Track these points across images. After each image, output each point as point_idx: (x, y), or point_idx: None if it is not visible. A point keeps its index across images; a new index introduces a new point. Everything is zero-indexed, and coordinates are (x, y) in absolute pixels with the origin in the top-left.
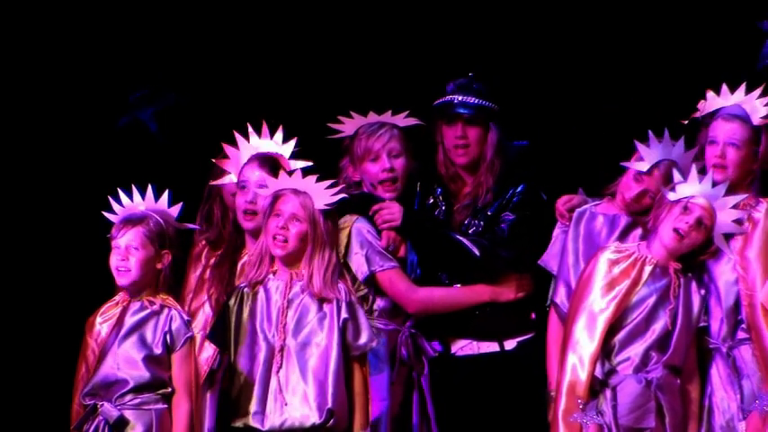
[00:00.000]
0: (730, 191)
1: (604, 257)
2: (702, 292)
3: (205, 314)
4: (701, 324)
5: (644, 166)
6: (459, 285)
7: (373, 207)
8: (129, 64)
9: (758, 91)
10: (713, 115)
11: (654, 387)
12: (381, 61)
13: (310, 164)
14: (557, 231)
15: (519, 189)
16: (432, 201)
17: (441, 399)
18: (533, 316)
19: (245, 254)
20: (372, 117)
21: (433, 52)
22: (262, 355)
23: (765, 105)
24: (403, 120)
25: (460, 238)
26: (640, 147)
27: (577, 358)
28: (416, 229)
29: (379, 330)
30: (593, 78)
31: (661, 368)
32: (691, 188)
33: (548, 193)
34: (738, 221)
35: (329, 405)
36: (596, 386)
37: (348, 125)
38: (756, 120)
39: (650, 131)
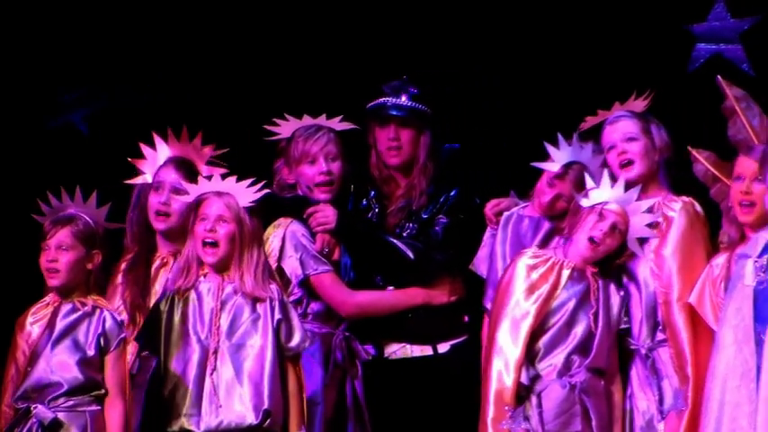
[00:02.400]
0: (643, 189)
1: (522, 263)
2: (621, 293)
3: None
4: (623, 326)
5: (554, 167)
6: (392, 288)
7: (307, 210)
8: (58, 65)
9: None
10: (600, 126)
11: (578, 391)
12: (314, 65)
13: (226, 171)
14: (487, 235)
15: (452, 193)
16: (365, 204)
17: (375, 402)
18: (466, 319)
19: (158, 257)
20: (307, 120)
21: (365, 56)
22: (195, 358)
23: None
24: (338, 123)
25: (394, 241)
26: (550, 149)
27: (503, 365)
28: (350, 232)
29: (313, 333)
30: (524, 80)
31: (584, 372)
32: (603, 194)
33: (480, 196)
34: (652, 225)
35: (266, 406)
36: (522, 392)
37: (284, 128)
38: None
39: (559, 134)
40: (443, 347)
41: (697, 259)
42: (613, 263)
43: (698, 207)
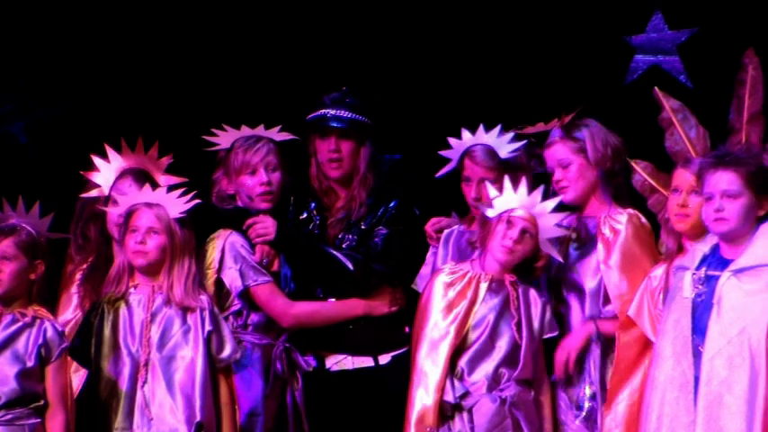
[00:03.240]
0: (584, 205)
1: (439, 281)
2: (544, 298)
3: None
4: (550, 334)
5: (455, 154)
6: (333, 299)
7: (247, 221)
8: None
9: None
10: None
11: (509, 405)
12: (253, 75)
13: (185, 180)
14: (429, 253)
15: (392, 204)
16: (305, 215)
17: (316, 413)
18: (407, 330)
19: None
20: (246, 131)
21: (303, 67)
22: (126, 371)
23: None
24: (278, 134)
25: (334, 252)
26: (451, 141)
27: (423, 388)
28: (290, 243)
29: (253, 344)
30: (463, 91)
31: (514, 385)
32: (508, 201)
33: (420, 207)
34: (560, 225)
35: (198, 418)
36: (447, 411)
37: (223, 138)
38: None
39: (463, 128)
40: (384, 359)
41: (643, 270)
42: (533, 266)
43: (643, 219)
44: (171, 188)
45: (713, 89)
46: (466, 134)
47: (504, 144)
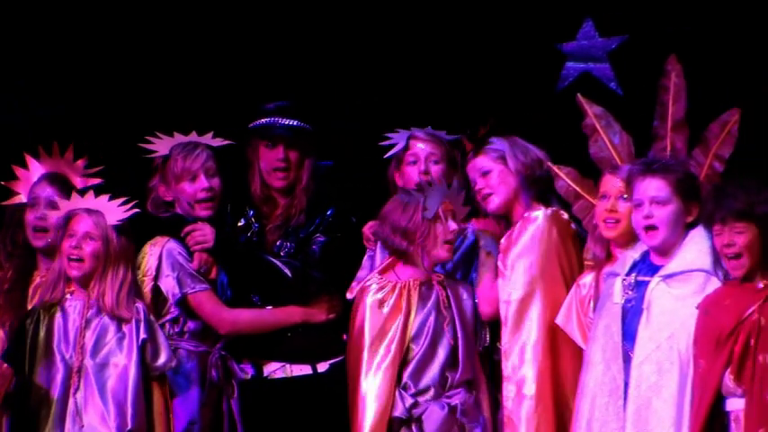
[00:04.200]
0: (509, 213)
1: (370, 300)
2: (471, 292)
3: (0, 342)
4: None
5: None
6: (270, 307)
7: (185, 228)
8: None
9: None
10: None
11: (459, 413)
12: (183, 82)
13: (100, 181)
14: (365, 257)
15: (329, 212)
16: (243, 222)
17: (253, 422)
18: (345, 337)
19: (38, 275)
20: (180, 137)
21: (231, 73)
22: (59, 377)
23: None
24: (214, 140)
25: (273, 259)
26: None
27: (370, 412)
28: (229, 250)
29: (189, 352)
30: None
31: (463, 391)
32: (436, 198)
33: (357, 214)
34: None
35: (129, 426)
36: (396, 426)
37: (160, 145)
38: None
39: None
40: (323, 366)
41: (548, 264)
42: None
43: (563, 216)
44: (97, 193)
45: (639, 95)
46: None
47: (444, 135)
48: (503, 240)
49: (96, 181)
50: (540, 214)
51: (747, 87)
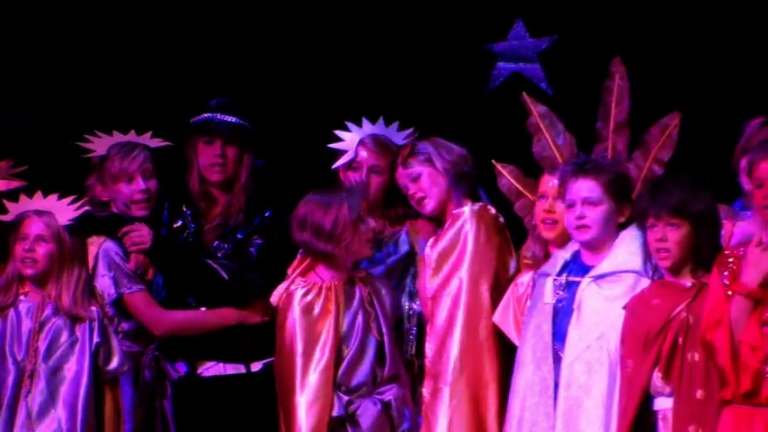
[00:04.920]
0: (443, 214)
1: (297, 305)
2: (387, 285)
3: None
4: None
5: (347, 146)
6: (205, 308)
7: (123, 229)
8: None
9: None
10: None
11: (394, 410)
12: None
13: (24, 184)
14: None
15: (267, 213)
16: (180, 222)
17: (186, 421)
18: None
19: None
20: (118, 136)
21: (172, 71)
22: (10, 379)
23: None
24: (152, 140)
25: (210, 261)
26: (339, 134)
27: (313, 416)
28: (166, 252)
29: (123, 353)
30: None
31: (395, 387)
32: (357, 198)
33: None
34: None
35: (79, 430)
36: (333, 426)
37: (98, 144)
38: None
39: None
40: (256, 366)
41: (474, 260)
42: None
43: (491, 211)
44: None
45: (583, 95)
46: (353, 126)
47: (395, 132)
48: (431, 239)
49: (19, 183)
50: (466, 210)
51: (690, 91)
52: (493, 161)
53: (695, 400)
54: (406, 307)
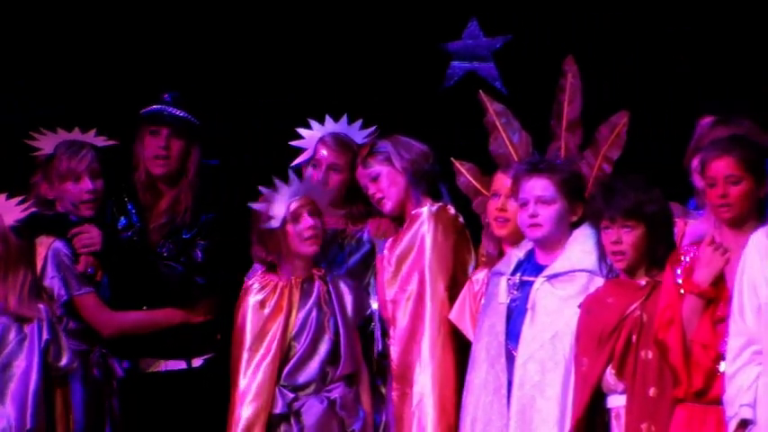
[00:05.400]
0: (402, 212)
1: (251, 300)
2: (352, 286)
3: None
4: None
5: (308, 143)
6: (152, 308)
7: (72, 230)
8: None
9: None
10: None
11: (338, 407)
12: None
13: None
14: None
15: (214, 214)
16: (125, 222)
17: (132, 418)
18: (219, 337)
19: None
20: (63, 134)
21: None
22: None
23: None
24: (99, 139)
25: (157, 263)
26: (301, 131)
27: (247, 408)
28: (115, 253)
29: (74, 352)
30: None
31: (342, 386)
32: (282, 197)
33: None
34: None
35: (29, 426)
36: (274, 422)
37: (44, 142)
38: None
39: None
40: (197, 362)
41: (433, 261)
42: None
43: (451, 211)
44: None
45: (538, 94)
46: (316, 124)
47: (357, 131)
48: (390, 240)
49: None
50: (424, 211)
51: (639, 89)
52: (452, 159)
53: (648, 398)
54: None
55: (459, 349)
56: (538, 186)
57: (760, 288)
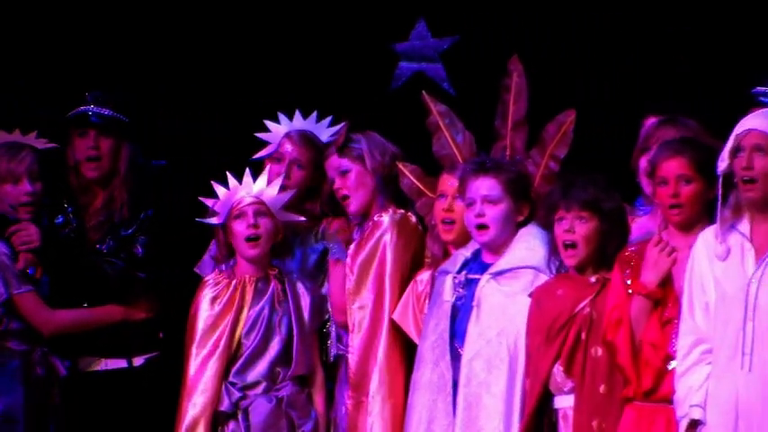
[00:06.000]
0: (366, 213)
1: (205, 296)
2: (311, 288)
3: None
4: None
5: (275, 138)
6: (92, 306)
7: (10, 228)
8: None
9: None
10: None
11: (285, 405)
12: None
13: None
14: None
15: (153, 210)
16: (62, 219)
17: (74, 416)
18: (161, 335)
19: None
20: (3, 136)
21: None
22: None
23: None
24: (39, 141)
25: (96, 259)
26: (268, 124)
27: (194, 403)
28: (55, 251)
29: (12, 351)
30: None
31: (291, 384)
32: (230, 195)
33: (184, 212)
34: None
35: None
36: (221, 420)
37: None
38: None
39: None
40: (138, 361)
41: (393, 269)
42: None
43: (412, 219)
44: None
45: (481, 94)
46: (284, 119)
47: (324, 129)
48: (352, 246)
49: None
50: (386, 219)
51: (585, 88)
52: (396, 161)
53: (598, 395)
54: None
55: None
56: (484, 186)
57: (708, 287)
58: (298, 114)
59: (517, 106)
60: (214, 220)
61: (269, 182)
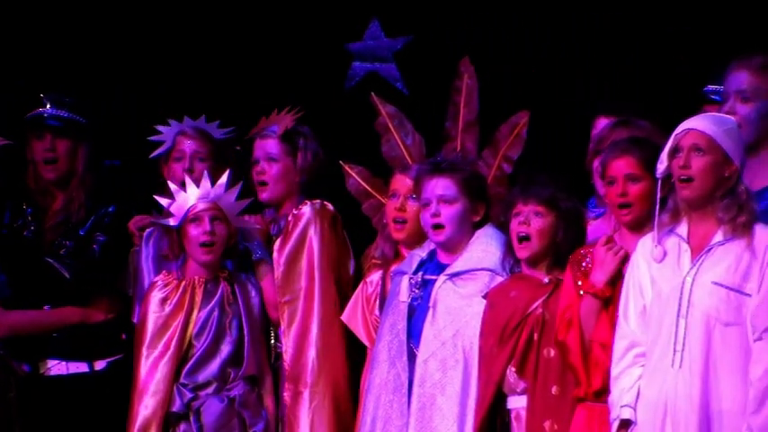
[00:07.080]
0: (280, 205)
1: (154, 297)
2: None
3: None
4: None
5: (173, 221)
6: (48, 307)
7: None
8: None
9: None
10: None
11: (237, 405)
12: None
13: None
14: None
15: (110, 210)
16: (21, 221)
17: (31, 420)
18: (124, 337)
19: None
20: None
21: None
22: None
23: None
24: None
25: (52, 260)
26: (161, 128)
27: (145, 405)
28: (9, 251)
29: None
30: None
31: (242, 384)
32: (187, 198)
33: (146, 211)
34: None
35: None
36: (172, 420)
37: None
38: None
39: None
40: (100, 365)
41: (321, 259)
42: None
43: (330, 207)
44: None
45: (431, 95)
46: (174, 122)
47: (215, 128)
48: (277, 242)
49: None
50: (307, 210)
51: (539, 89)
52: (340, 162)
53: (550, 396)
54: None
55: (352, 347)
56: (440, 186)
57: (645, 289)
58: (187, 118)
59: (468, 108)
60: (170, 222)
61: (224, 187)
